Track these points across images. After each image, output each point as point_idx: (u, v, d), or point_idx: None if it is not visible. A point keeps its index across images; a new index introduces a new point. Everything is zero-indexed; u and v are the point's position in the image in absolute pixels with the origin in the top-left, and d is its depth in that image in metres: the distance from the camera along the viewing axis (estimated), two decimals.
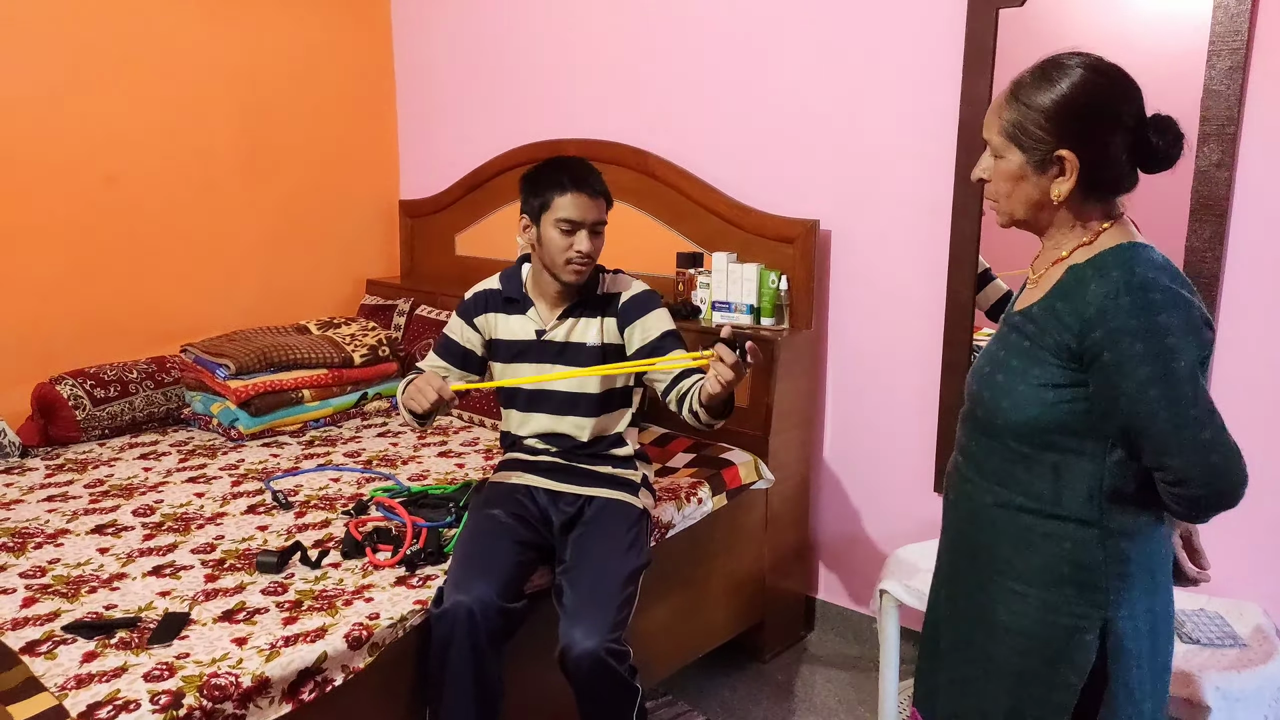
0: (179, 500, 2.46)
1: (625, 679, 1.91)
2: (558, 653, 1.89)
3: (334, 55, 3.81)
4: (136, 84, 3.24)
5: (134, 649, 1.70)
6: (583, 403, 2.17)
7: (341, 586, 1.96)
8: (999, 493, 1.36)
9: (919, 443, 2.76)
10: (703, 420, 2.01)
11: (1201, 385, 1.21)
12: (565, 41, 3.41)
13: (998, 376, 1.34)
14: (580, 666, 1.86)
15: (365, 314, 3.79)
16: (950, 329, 2.63)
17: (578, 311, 2.15)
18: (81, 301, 3.18)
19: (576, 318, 2.15)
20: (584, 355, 2.14)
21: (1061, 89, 1.26)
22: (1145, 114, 1.28)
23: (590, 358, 2.13)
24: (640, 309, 2.16)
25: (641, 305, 2.16)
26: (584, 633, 1.86)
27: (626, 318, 2.15)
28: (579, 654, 1.85)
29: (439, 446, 2.94)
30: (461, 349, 2.23)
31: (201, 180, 3.45)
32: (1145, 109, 1.29)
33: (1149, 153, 1.28)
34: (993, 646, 1.38)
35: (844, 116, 2.77)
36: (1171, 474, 1.22)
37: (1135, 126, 1.27)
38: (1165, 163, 1.28)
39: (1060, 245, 1.34)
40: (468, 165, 3.73)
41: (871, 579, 2.92)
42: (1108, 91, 1.27)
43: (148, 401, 3.09)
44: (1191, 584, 1.43)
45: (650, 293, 2.20)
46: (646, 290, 2.20)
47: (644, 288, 2.21)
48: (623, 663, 1.90)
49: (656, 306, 2.17)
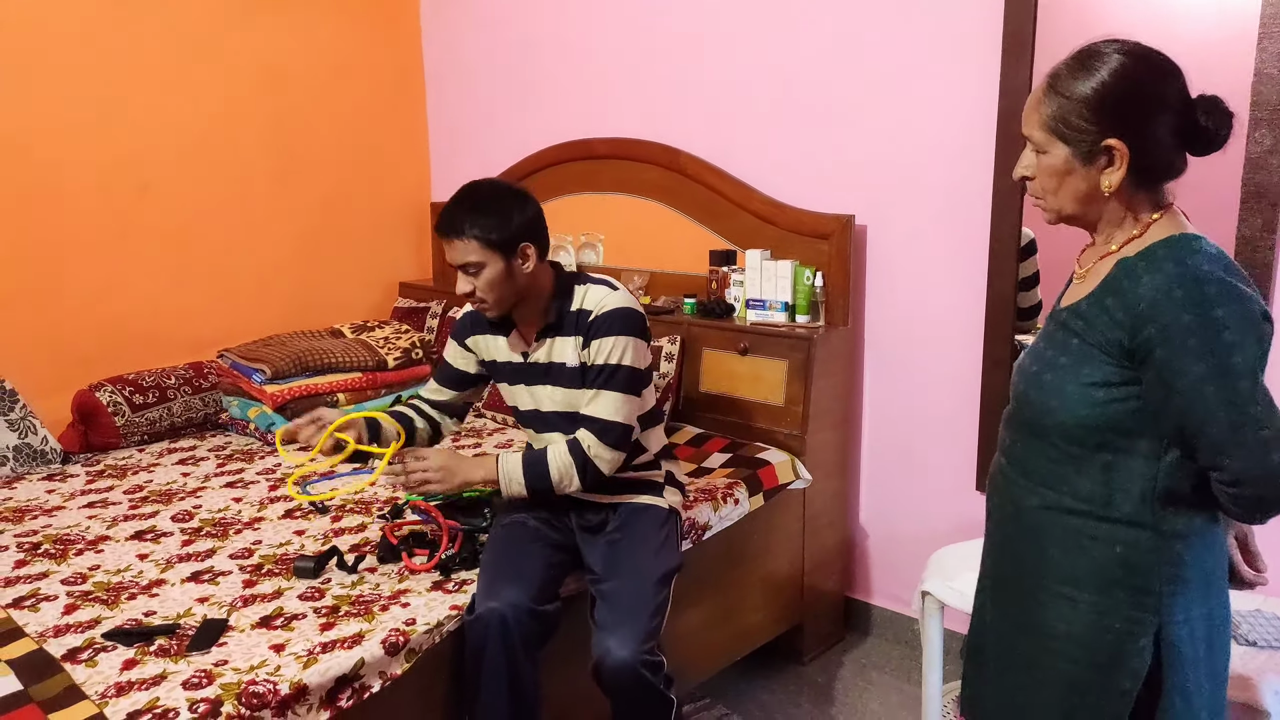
0: (217, 505, 2.47)
1: (660, 690, 1.89)
2: (592, 665, 1.87)
3: (363, 59, 3.82)
4: (168, 92, 3.27)
5: (173, 656, 1.70)
6: (569, 421, 2.06)
7: (378, 592, 1.96)
8: (1046, 495, 1.32)
9: (960, 440, 2.71)
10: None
11: (1261, 381, 1.16)
12: (594, 40, 3.39)
13: (1045, 376, 1.30)
14: (615, 679, 1.84)
15: (398, 317, 3.80)
16: (991, 324, 2.58)
17: (553, 332, 2.05)
18: (119, 309, 3.21)
19: (553, 338, 2.05)
20: (566, 375, 2.05)
21: (1101, 76, 1.22)
22: (1190, 95, 1.24)
23: (571, 378, 2.04)
24: (602, 329, 1.99)
25: (603, 326, 1.99)
26: (618, 644, 1.83)
27: (592, 336, 2.00)
28: (613, 666, 1.83)
29: (473, 449, 2.93)
30: (457, 372, 2.20)
31: (234, 186, 3.47)
32: (1189, 90, 1.24)
33: (1198, 134, 1.23)
34: (1041, 653, 1.33)
35: (878, 109, 2.73)
36: (1229, 474, 1.17)
37: (1181, 108, 1.22)
38: (1215, 144, 1.23)
39: (1110, 239, 1.30)
40: (499, 166, 3.72)
41: (912, 579, 2.87)
42: (1148, 75, 1.23)
43: (186, 407, 3.11)
44: (1248, 587, 1.38)
45: (622, 318, 2.00)
46: (614, 310, 2.00)
47: (614, 305, 2.00)
48: (657, 673, 1.88)
49: (619, 332, 1.98)
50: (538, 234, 1.99)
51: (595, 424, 1.99)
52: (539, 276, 2.02)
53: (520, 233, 1.94)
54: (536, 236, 1.99)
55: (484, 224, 1.91)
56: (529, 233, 1.96)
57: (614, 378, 1.99)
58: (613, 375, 1.99)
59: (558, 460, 1.98)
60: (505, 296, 1.98)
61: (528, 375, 2.10)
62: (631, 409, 2.01)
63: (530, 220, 1.97)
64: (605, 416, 1.98)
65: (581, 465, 1.98)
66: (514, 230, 1.93)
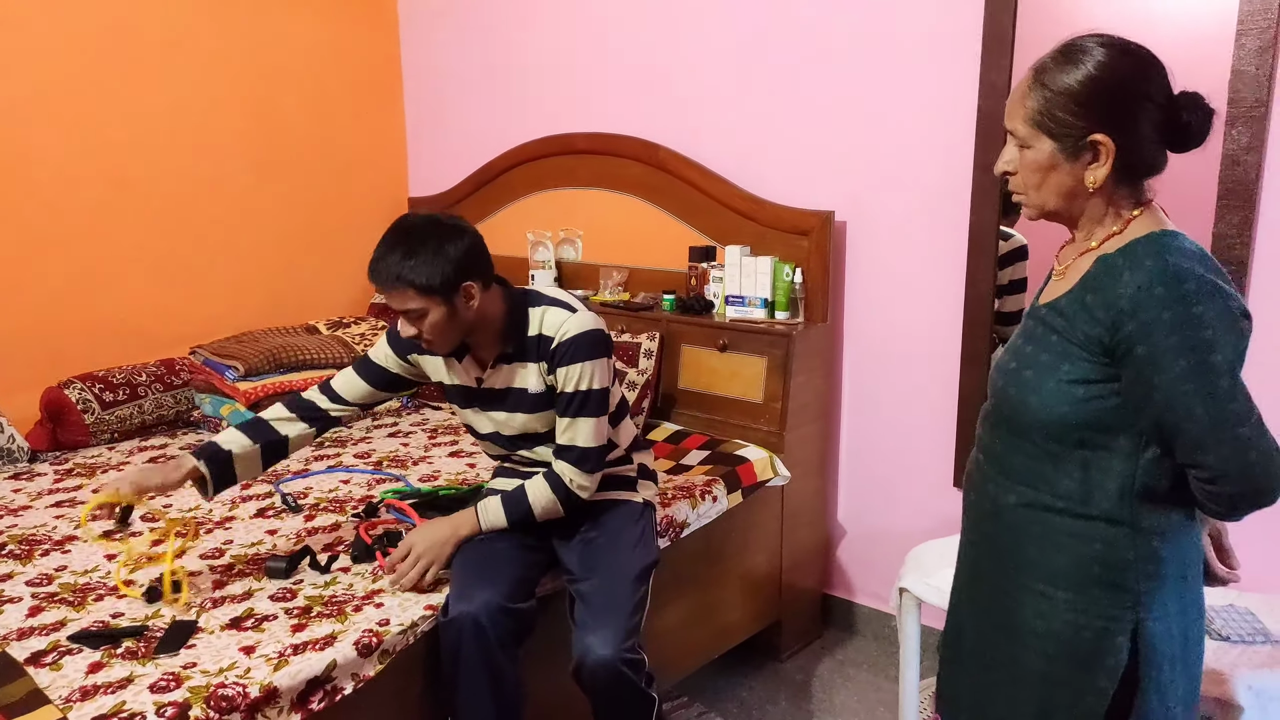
0: (188, 505, 2.43)
1: (642, 689, 1.88)
2: (573, 665, 1.85)
3: (341, 53, 3.77)
4: (143, 88, 3.21)
5: (140, 659, 1.67)
6: (531, 439, 2.05)
7: (351, 592, 1.93)
8: (1024, 492, 1.31)
9: (938, 437, 2.71)
10: None
11: (1239, 379, 1.16)
12: (574, 34, 3.37)
13: (1025, 372, 1.29)
14: (596, 678, 1.83)
15: (375, 313, 3.76)
16: (969, 320, 2.58)
17: (510, 358, 1.97)
18: (89, 304, 3.16)
19: (510, 364, 1.98)
20: (528, 401, 1.99)
21: (1088, 69, 1.21)
22: (1173, 90, 1.23)
23: (535, 403, 1.98)
24: (567, 357, 1.92)
25: (567, 354, 1.92)
26: (598, 642, 1.82)
27: (555, 363, 1.94)
28: (594, 665, 1.81)
29: (450, 446, 2.90)
30: (387, 374, 2.07)
31: (209, 181, 3.42)
32: (1172, 86, 1.23)
33: (1179, 131, 1.22)
34: (1018, 650, 1.33)
35: (859, 106, 2.72)
36: (1207, 471, 1.17)
37: (1165, 103, 1.22)
38: (1196, 140, 1.23)
39: (1091, 235, 1.29)
40: (477, 161, 3.69)
41: (890, 576, 2.88)
42: (1134, 69, 1.22)
43: (157, 404, 3.07)
44: (1221, 584, 1.38)
45: (578, 339, 1.92)
46: (576, 336, 1.92)
47: (576, 331, 1.92)
48: (638, 671, 1.86)
49: (582, 358, 1.92)
50: (478, 268, 1.87)
51: (572, 453, 1.97)
52: (487, 306, 1.91)
53: (459, 272, 1.82)
54: (477, 271, 1.87)
55: (418, 270, 1.79)
56: (469, 270, 1.84)
57: (585, 404, 1.94)
58: (584, 402, 1.94)
59: (539, 497, 1.97)
60: (452, 336, 1.90)
61: (482, 400, 2.03)
62: (603, 429, 2.00)
63: (466, 255, 1.84)
64: (581, 444, 1.96)
65: (564, 498, 1.97)
66: (452, 271, 1.81)
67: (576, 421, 1.96)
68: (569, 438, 1.97)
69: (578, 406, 1.95)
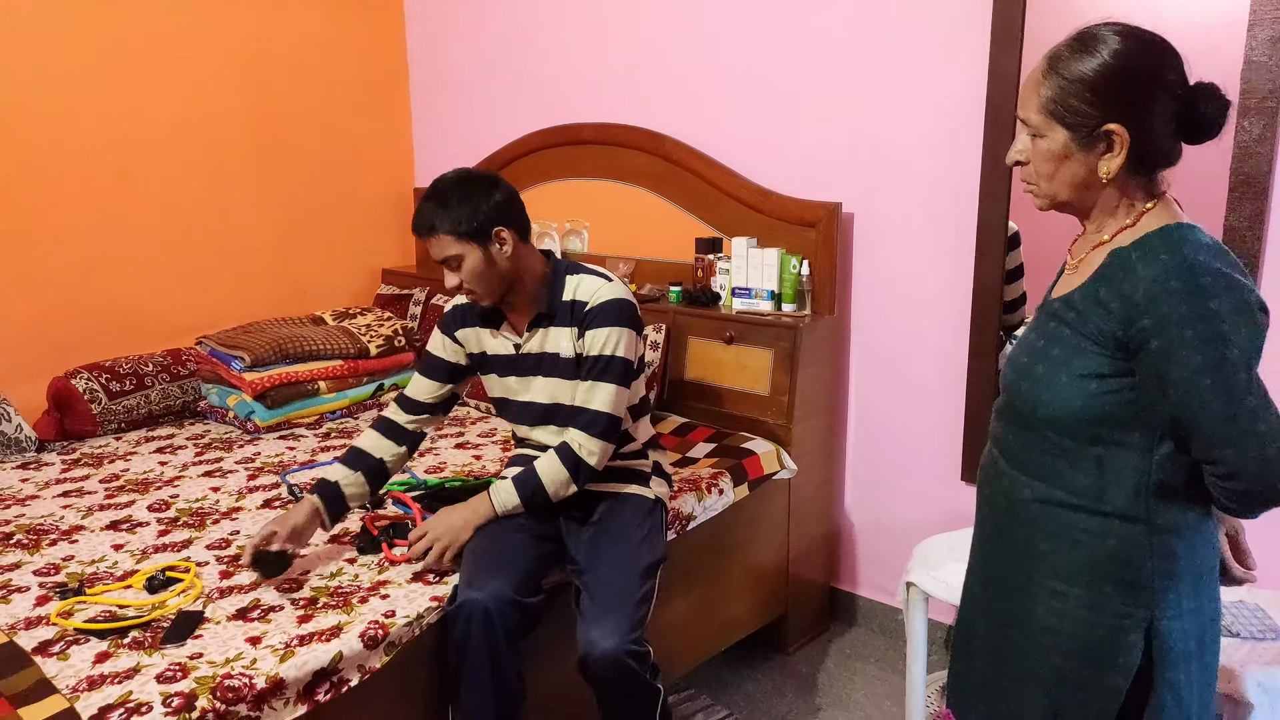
0: (195, 495, 2.43)
1: (647, 681, 1.87)
2: (578, 658, 1.85)
3: (346, 44, 3.76)
4: (148, 77, 3.21)
5: (147, 649, 1.67)
6: (559, 414, 2.08)
7: (357, 583, 1.93)
8: (1038, 488, 1.30)
9: (945, 430, 2.70)
10: None
11: (1256, 374, 1.14)
12: (580, 24, 3.35)
13: (1037, 368, 1.28)
14: (601, 670, 1.82)
15: (381, 304, 3.76)
16: (977, 313, 2.56)
17: (546, 321, 2.04)
18: (96, 295, 3.16)
19: (546, 328, 2.05)
20: (560, 366, 2.05)
21: (1103, 58, 1.19)
22: (1189, 80, 1.21)
23: (565, 369, 2.04)
24: (597, 320, 2.00)
25: (598, 317, 2.00)
26: (602, 635, 1.82)
27: (585, 325, 2.01)
28: (599, 658, 1.81)
29: (456, 438, 2.90)
30: (446, 364, 2.15)
31: (215, 172, 3.42)
32: (1188, 75, 1.21)
33: (1195, 122, 1.20)
34: (1030, 647, 1.32)
35: (866, 96, 2.70)
36: (1223, 467, 1.15)
37: (1180, 94, 1.20)
38: (1211, 132, 1.21)
39: (1103, 228, 1.27)
40: (482, 152, 3.68)
41: (897, 569, 2.87)
42: (1150, 58, 1.20)
43: (164, 395, 3.07)
44: (1237, 584, 1.37)
45: (616, 308, 2.00)
46: (609, 300, 2.00)
47: (609, 296, 2.01)
48: (644, 664, 1.86)
49: (613, 323, 2.00)
50: (510, 217, 1.98)
51: (584, 415, 1.99)
52: (524, 260, 2.01)
53: (492, 218, 1.94)
54: (509, 219, 1.97)
55: (453, 216, 1.92)
56: (501, 217, 1.95)
57: (607, 369, 2.00)
58: (606, 366, 2.00)
59: (549, 472, 1.99)
60: (492, 283, 1.98)
61: (519, 367, 2.09)
62: (622, 400, 2.02)
63: (500, 204, 1.96)
64: (595, 408, 1.99)
65: (574, 467, 1.98)
66: (484, 217, 1.93)
67: (596, 385, 1.99)
68: (585, 399, 2.00)
69: (600, 370, 1.99)
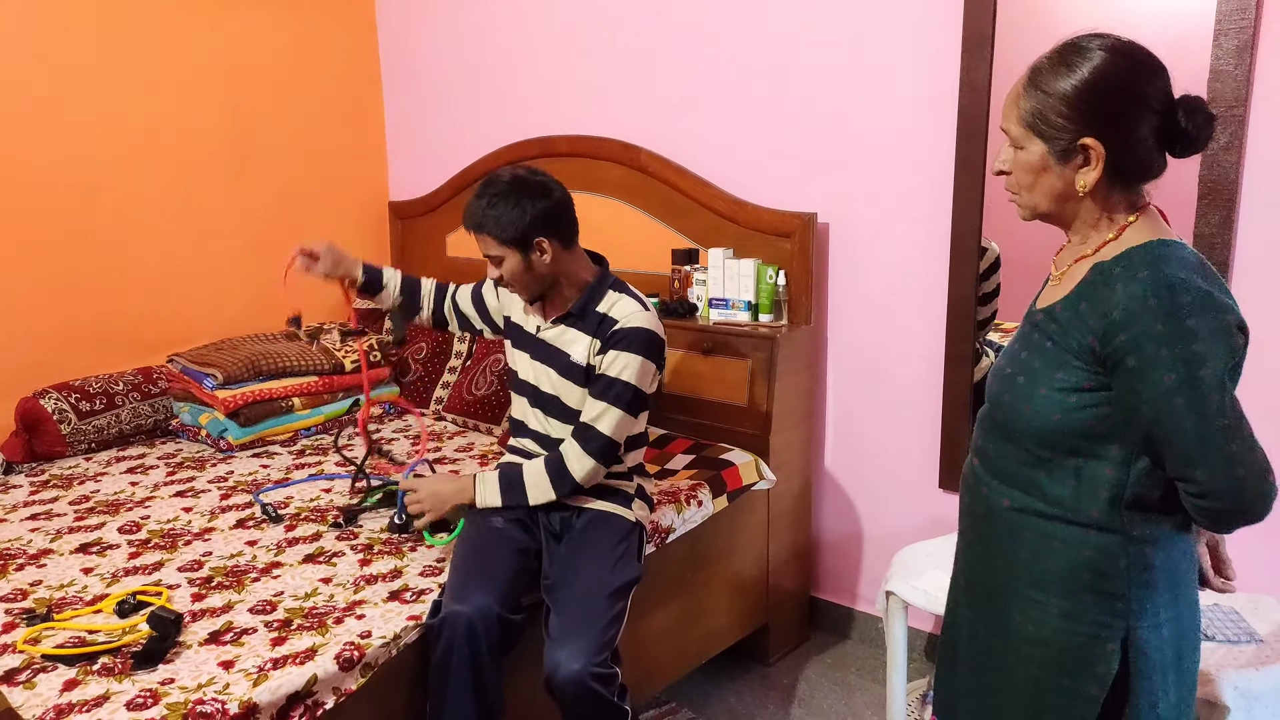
0: (166, 515, 2.40)
1: (613, 702, 1.86)
2: (544, 678, 1.84)
3: (318, 55, 3.73)
4: (118, 90, 3.16)
5: (117, 675, 1.64)
6: (555, 407, 2.12)
7: (332, 604, 1.90)
8: (1017, 497, 1.30)
9: (923, 438, 2.70)
10: None
11: (1230, 394, 1.15)
12: (555, 36, 3.34)
13: (1019, 379, 1.28)
14: (566, 692, 1.81)
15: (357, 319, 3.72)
16: (953, 322, 2.57)
17: (572, 321, 2.09)
18: (65, 312, 3.11)
19: (569, 326, 2.10)
20: (569, 368, 2.08)
21: (1082, 73, 1.20)
22: (1173, 95, 1.21)
23: (574, 373, 2.07)
24: (622, 343, 2.01)
25: (624, 340, 2.01)
26: (569, 656, 1.81)
27: (609, 344, 2.03)
28: (564, 679, 1.80)
29: (433, 453, 2.87)
30: (486, 303, 2.30)
31: (186, 186, 3.38)
32: (1172, 90, 1.22)
33: (1178, 136, 1.21)
34: (1011, 655, 1.32)
35: (840, 106, 2.71)
36: (1196, 486, 1.16)
37: (1162, 109, 1.20)
38: (1195, 146, 1.21)
39: (1086, 240, 1.28)
40: (458, 164, 3.66)
41: (876, 577, 2.87)
42: (1132, 73, 1.20)
43: (134, 414, 3.02)
44: (1216, 593, 1.37)
45: (642, 337, 2.01)
46: (639, 328, 2.01)
47: (639, 324, 2.02)
48: (609, 686, 1.85)
49: (636, 351, 2.00)
50: (555, 227, 2.01)
51: (588, 433, 2.01)
52: (566, 265, 2.05)
53: (534, 228, 1.97)
54: (553, 230, 2.00)
55: (499, 220, 1.96)
56: (544, 227, 1.98)
57: (620, 394, 2.01)
58: (619, 392, 2.01)
59: (533, 477, 2.02)
60: (531, 285, 2.05)
61: (533, 347, 2.15)
62: (625, 428, 2.03)
63: (546, 213, 1.98)
64: (601, 430, 2.00)
65: (559, 477, 2.00)
66: (527, 226, 1.96)
67: (608, 409, 2.01)
68: (592, 418, 2.01)
69: (615, 394, 2.01)
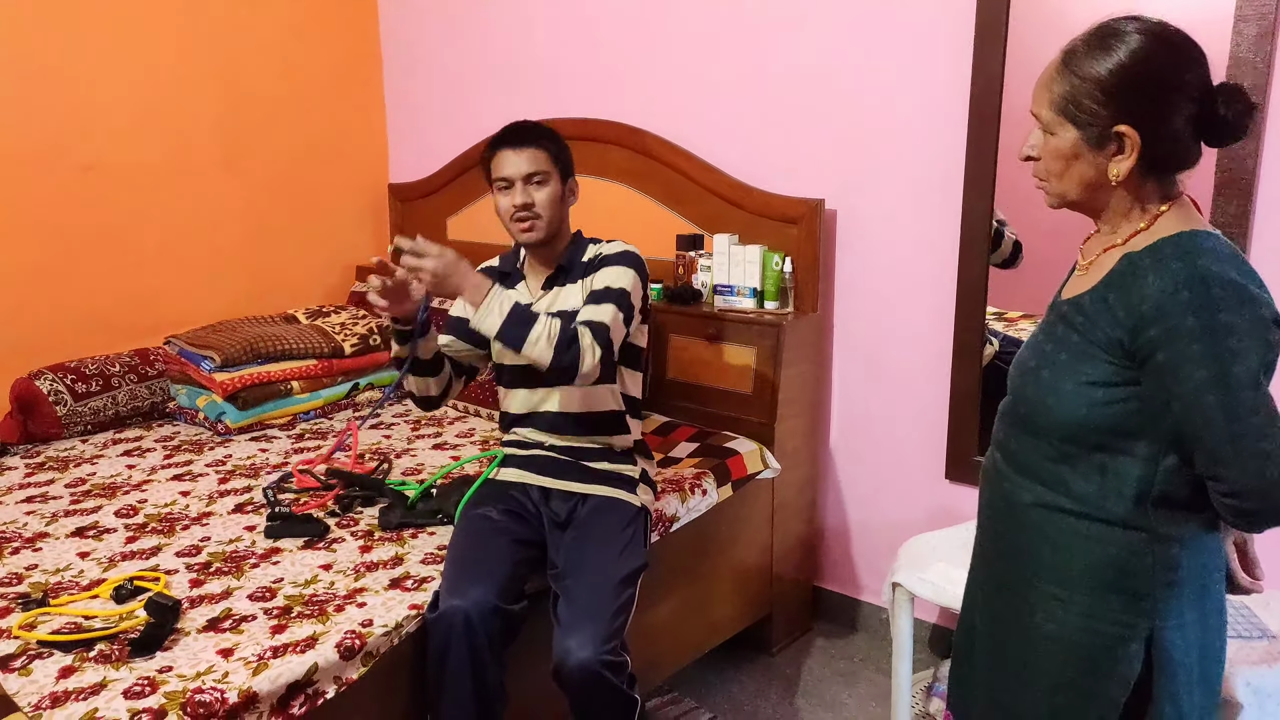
0: (164, 499, 2.36)
1: (623, 690, 1.84)
2: (553, 666, 1.81)
3: (319, 35, 3.68)
4: (113, 68, 3.12)
5: (114, 663, 1.61)
6: None
7: (333, 591, 1.87)
8: (1040, 492, 1.27)
9: (930, 428, 2.68)
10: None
11: (1264, 391, 1.11)
12: (558, 16, 3.29)
13: (1043, 372, 1.24)
14: (575, 680, 1.78)
15: (355, 301, 3.69)
16: (962, 311, 2.54)
17: (561, 279, 2.11)
18: (60, 294, 3.07)
19: (560, 285, 2.10)
20: (570, 318, 2.03)
21: (1119, 58, 1.15)
22: (1211, 82, 1.17)
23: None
24: (607, 263, 2.07)
25: (609, 260, 2.08)
26: (579, 644, 1.78)
27: (597, 268, 2.08)
28: (574, 667, 1.77)
29: (434, 439, 2.84)
30: (464, 323, 2.14)
31: (184, 166, 3.33)
32: (1211, 77, 1.18)
33: (1215, 125, 1.16)
34: (1030, 653, 1.29)
35: (849, 91, 2.67)
36: (1226, 485, 1.12)
37: (1200, 97, 1.16)
38: (1233, 135, 1.17)
39: (1116, 230, 1.24)
40: (459, 146, 3.62)
41: (881, 568, 2.85)
42: (1169, 59, 1.16)
43: (131, 396, 2.99)
44: (1244, 594, 1.34)
45: (625, 252, 2.10)
46: (623, 250, 2.10)
47: (623, 248, 2.11)
48: (620, 674, 1.82)
49: (620, 263, 2.06)
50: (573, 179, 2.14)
51: (585, 320, 1.95)
52: (568, 220, 2.13)
53: (572, 165, 2.10)
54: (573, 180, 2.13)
55: (553, 142, 2.05)
56: (572, 171, 2.11)
57: (613, 295, 2.00)
58: (612, 295, 2.01)
59: (543, 327, 1.87)
60: (554, 219, 2.06)
61: None
62: (619, 323, 1.99)
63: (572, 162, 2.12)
64: (594, 317, 1.96)
65: (567, 340, 1.88)
66: (570, 160, 2.09)
67: (601, 305, 1.99)
68: (589, 315, 1.96)
69: (604, 296, 2.00)
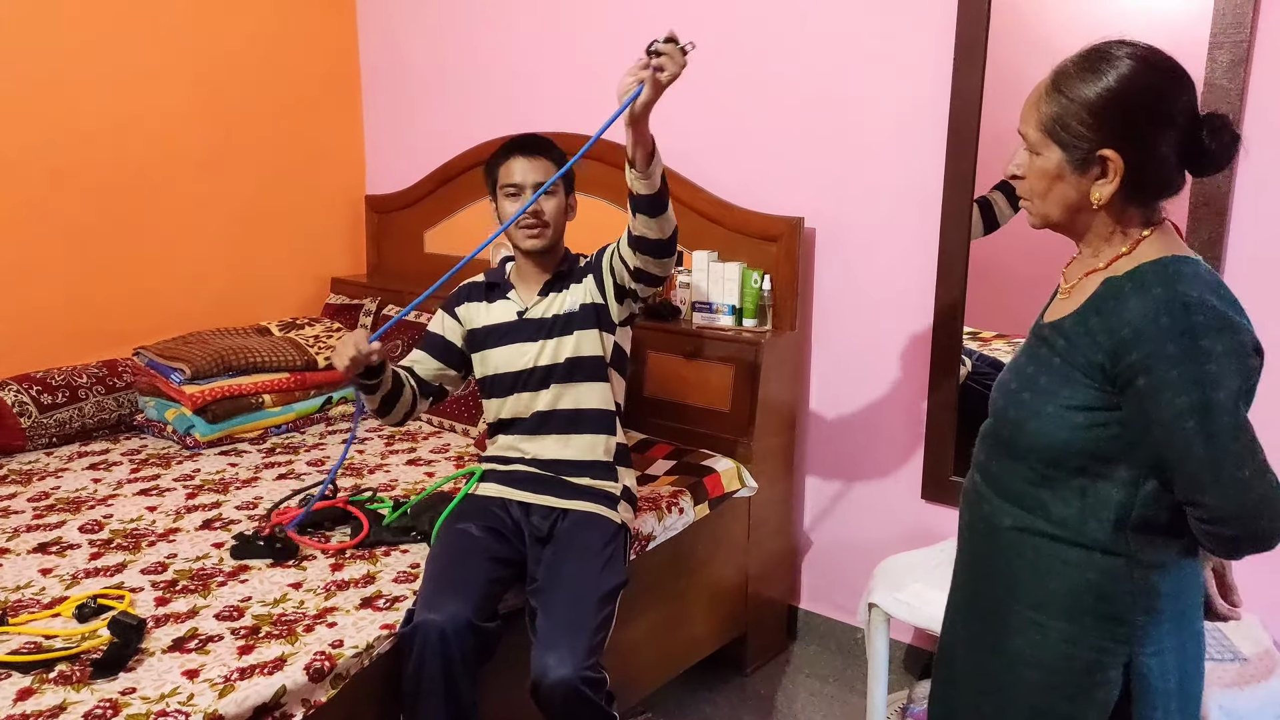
0: (130, 514, 2.32)
1: (603, 708, 1.81)
2: (530, 682, 1.79)
3: (297, 44, 3.65)
4: (82, 71, 3.07)
5: (75, 684, 1.57)
6: (577, 369, 2.10)
7: (302, 610, 1.84)
8: (1019, 515, 1.26)
9: (906, 448, 2.68)
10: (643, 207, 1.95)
11: (1243, 417, 1.11)
12: (537, 30, 3.29)
13: (1024, 395, 1.24)
14: (554, 697, 1.76)
15: (330, 314, 3.65)
16: (939, 330, 2.55)
17: (557, 286, 2.13)
18: (26, 302, 3.01)
19: (557, 291, 2.13)
20: (574, 319, 2.10)
21: (1108, 82, 1.16)
22: (1198, 111, 1.18)
23: (581, 319, 2.10)
24: (604, 248, 2.14)
25: (606, 249, 2.14)
26: (558, 660, 1.76)
27: (598, 259, 2.12)
28: (552, 684, 1.75)
29: (408, 454, 2.81)
30: (442, 341, 2.19)
31: (156, 174, 3.28)
32: (1198, 106, 1.18)
33: (1200, 154, 1.17)
34: (1008, 678, 1.29)
35: (829, 111, 2.68)
36: (1205, 511, 1.12)
37: (1187, 125, 1.16)
38: (1217, 165, 1.18)
39: (1098, 253, 1.24)
40: (437, 159, 3.59)
41: (857, 587, 2.84)
42: (1158, 86, 1.16)
43: (98, 408, 2.93)
44: (1221, 620, 1.34)
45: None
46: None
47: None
48: (599, 691, 1.80)
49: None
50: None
51: None
52: (564, 234, 2.16)
53: (574, 182, 2.16)
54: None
55: (563, 157, 2.10)
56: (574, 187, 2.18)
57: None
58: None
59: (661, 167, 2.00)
60: (558, 228, 2.12)
61: (521, 332, 2.13)
62: None
63: None
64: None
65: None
66: (571, 177, 2.12)
67: None
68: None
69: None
